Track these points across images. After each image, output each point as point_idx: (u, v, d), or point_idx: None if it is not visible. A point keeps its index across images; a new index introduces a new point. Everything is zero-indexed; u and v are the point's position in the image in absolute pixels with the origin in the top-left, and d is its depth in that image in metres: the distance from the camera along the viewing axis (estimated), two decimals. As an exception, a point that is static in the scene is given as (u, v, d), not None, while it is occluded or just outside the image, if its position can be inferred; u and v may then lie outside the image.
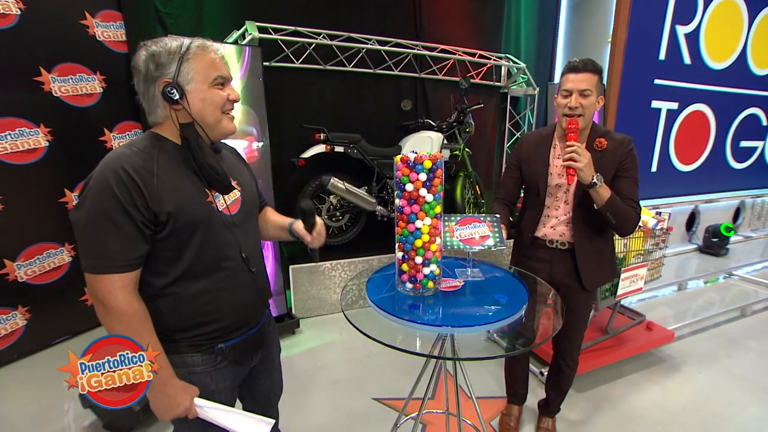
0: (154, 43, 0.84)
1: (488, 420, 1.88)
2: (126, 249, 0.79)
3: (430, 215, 1.04)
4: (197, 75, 0.84)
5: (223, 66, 0.89)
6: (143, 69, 0.83)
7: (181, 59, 0.82)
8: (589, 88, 1.31)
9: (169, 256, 0.85)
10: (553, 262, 1.49)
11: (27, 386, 2.09)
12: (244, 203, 0.97)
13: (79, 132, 2.48)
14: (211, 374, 0.92)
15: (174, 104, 0.83)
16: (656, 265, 2.41)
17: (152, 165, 0.81)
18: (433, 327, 1.04)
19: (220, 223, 0.90)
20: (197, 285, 0.88)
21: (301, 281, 2.85)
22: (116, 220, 0.77)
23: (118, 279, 0.79)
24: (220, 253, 0.90)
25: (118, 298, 0.79)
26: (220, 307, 0.91)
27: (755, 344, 2.55)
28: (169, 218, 0.81)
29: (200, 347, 0.90)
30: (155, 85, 0.83)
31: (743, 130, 4.71)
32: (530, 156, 1.50)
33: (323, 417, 1.90)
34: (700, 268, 4.03)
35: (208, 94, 0.85)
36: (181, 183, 0.85)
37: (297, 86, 3.07)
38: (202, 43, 0.86)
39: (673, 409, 1.96)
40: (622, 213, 1.32)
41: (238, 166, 1.03)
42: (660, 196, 4.32)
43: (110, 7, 2.54)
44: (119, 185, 0.77)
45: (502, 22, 3.86)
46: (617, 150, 1.38)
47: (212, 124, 0.88)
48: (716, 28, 4.10)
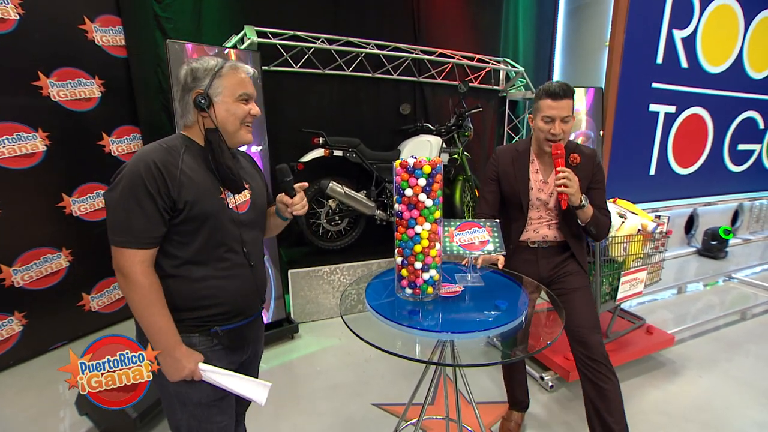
0: (195, 61, 1.00)
1: (489, 425, 1.87)
2: (148, 228, 0.90)
3: (429, 220, 1.03)
4: (226, 90, 0.98)
5: (249, 85, 1.02)
6: (183, 80, 0.99)
7: (214, 75, 0.97)
8: (569, 114, 1.40)
9: (180, 241, 0.96)
10: (538, 260, 1.57)
11: (23, 393, 2.07)
12: (253, 204, 1.08)
13: (78, 136, 2.48)
14: (206, 354, 1.01)
15: (202, 111, 0.97)
16: (656, 269, 2.40)
17: (177, 160, 0.94)
18: (433, 333, 1.03)
19: (228, 218, 1.00)
20: (201, 270, 0.98)
21: (300, 285, 2.84)
22: (142, 202, 0.89)
23: (140, 254, 0.90)
24: (225, 244, 1.00)
25: (137, 270, 0.90)
26: (219, 293, 1.00)
27: (755, 348, 2.55)
28: (185, 206, 0.93)
29: (199, 328, 1.00)
30: (190, 94, 0.98)
31: (740, 133, 4.74)
32: (508, 172, 1.56)
33: (322, 422, 1.88)
34: (700, 271, 4.03)
35: (232, 107, 1.00)
36: (199, 178, 0.97)
37: (296, 90, 3.07)
38: (234, 64, 1.01)
39: (673, 413, 1.95)
40: (601, 224, 1.48)
41: (252, 172, 1.15)
42: (659, 199, 4.33)
43: (109, 12, 2.54)
44: (147, 174, 0.89)
45: (500, 26, 3.88)
46: (588, 164, 1.51)
47: (232, 132, 1.01)
48: (712, 33, 4.13)
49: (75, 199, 2.50)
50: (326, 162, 2.92)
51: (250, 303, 1.09)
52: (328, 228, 3.06)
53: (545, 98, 1.40)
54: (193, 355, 0.97)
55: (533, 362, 2.29)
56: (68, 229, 2.48)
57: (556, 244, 1.58)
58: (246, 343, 1.11)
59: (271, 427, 1.84)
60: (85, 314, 2.62)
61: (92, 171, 2.56)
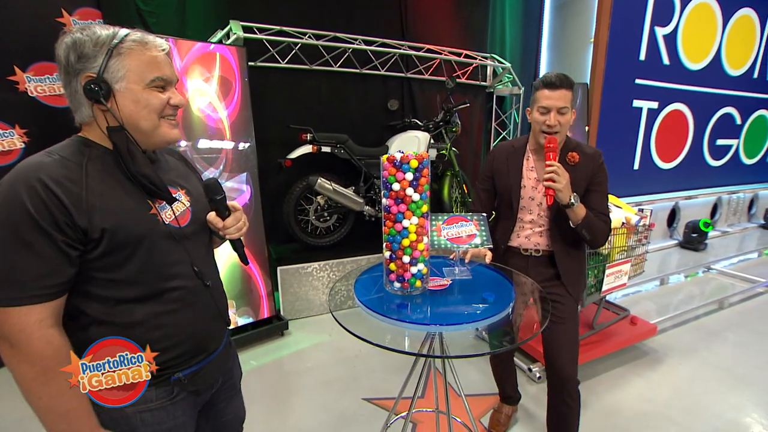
0: (80, 30, 0.72)
1: (479, 417, 1.90)
2: (42, 275, 0.67)
3: (416, 214, 1.04)
4: (130, 73, 0.72)
5: (166, 65, 0.77)
6: (63, 59, 0.72)
7: (110, 52, 0.71)
8: (566, 105, 1.33)
9: (106, 278, 0.73)
10: (528, 268, 1.48)
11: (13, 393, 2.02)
12: (194, 214, 0.87)
13: (57, 133, 2.35)
14: (167, 409, 0.81)
15: (97, 104, 0.71)
16: (639, 261, 2.46)
17: (80, 174, 0.70)
18: (422, 326, 1.04)
19: (167, 236, 0.79)
20: (143, 309, 0.77)
21: (289, 282, 2.83)
22: (28, 241, 0.65)
23: (35, 312, 0.67)
24: (169, 270, 0.79)
25: (33, 335, 0.66)
26: (172, 333, 0.80)
27: (732, 335, 2.64)
28: (103, 234, 0.70)
29: (155, 380, 0.78)
30: (77, 79, 0.72)
31: (719, 128, 4.87)
32: (503, 168, 1.50)
33: (313, 418, 1.89)
34: (681, 262, 4.14)
35: (142, 96, 0.74)
36: (117, 194, 0.74)
37: (283, 86, 3.04)
38: (141, 37, 0.74)
39: (656, 400, 2.01)
40: (595, 229, 1.34)
41: (185, 173, 0.93)
42: (642, 193, 4.43)
43: (88, 4, 2.47)
44: (33, 200, 0.65)
45: (487, 22, 3.90)
46: (589, 164, 1.39)
47: (148, 130, 0.76)
48: (692, 30, 4.23)
49: None
50: (314, 158, 2.90)
51: (213, 333, 0.90)
52: (316, 224, 3.05)
53: (542, 88, 1.35)
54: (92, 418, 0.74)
55: (522, 354, 2.33)
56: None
57: (548, 254, 1.49)
58: (215, 379, 0.92)
59: (262, 424, 1.84)
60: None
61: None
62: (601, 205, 1.39)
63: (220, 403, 0.99)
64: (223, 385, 0.97)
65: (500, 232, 1.55)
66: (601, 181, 1.40)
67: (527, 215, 1.48)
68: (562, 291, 1.46)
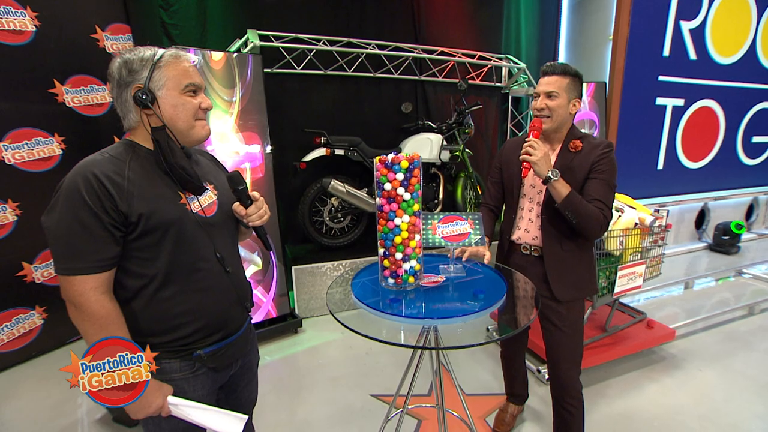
0: (128, 52, 0.88)
1: (484, 416, 1.91)
2: (97, 250, 0.81)
3: (408, 213, 1.08)
4: (169, 81, 0.88)
5: (195, 74, 0.92)
6: (116, 75, 0.87)
7: (153, 66, 0.86)
8: (555, 90, 1.33)
9: (142, 257, 0.87)
10: (527, 268, 1.46)
11: (44, 381, 2.20)
12: (221, 206, 0.99)
13: (91, 140, 2.61)
14: (189, 380, 0.93)
15: (145, 108, 0.87)
16: (655, 263, 2.39)
17: (124, 169, 0.85)
18: (416, 319, 1.08)
19: (194, 223, 0.91)
20: (172, 287, 0.89)
21: (304, 282, 2.91)
22: (86, 223, 0.80)
23: (92, 280, 0.81)
24: (194, 253, 0.92)
25: (90, 299, 0.81)
26: (194, 309, 0.92)
27: (760, 342, 2.51)
28: (140, 219, 0.84)
29: (178, 353, 0.91)
30: (127, 90, 0.87)
31: (755, 125, 4.62)
32: (509, 159, 1.52)
33: (321, 411, 1.95)
34: (709, 266, 3.95)
35: (179, 100, 0.89)
36: (153, 185, 0.87)
37: (298, 91, 3.15)
38: (175, 53, 0.90)
39: (669, 406, 1.95)
40: (582, 212, 1.28)
41: (215, 171, 1.06)
42: (667, 194, 4.26)
43: (119, 20, 2.67)
44: (88, 190, 0.80)
45: (501, 22, 3.89)
46: (592, 151, 1.35)
47: (184, 129, 0.91)
48: (723, 23, 4.04)
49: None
50: (328, 161, 2.99)
51: (232, 315, 1.00)
52: (331, 225, 3.13)
53: (540, 78, 1.39)
54: (162, 388, 0.87)
55: (531, 355, 2.31)
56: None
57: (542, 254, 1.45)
58: (233, 360, 1.03)
59: (273, 416, 1.92)
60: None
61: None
62: (598, 192, 1.32)
63: (239, 384, 1.10)
64: (241, 368, 1.08)
65: (506, 224, 1.57)
66: (602, 169, 1.33)
67: (526, 203, 1.48)
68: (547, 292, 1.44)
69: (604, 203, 1.31)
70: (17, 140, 2.28)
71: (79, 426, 1.87)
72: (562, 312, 1.44)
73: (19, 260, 2.34)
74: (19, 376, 2.29)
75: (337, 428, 1.84)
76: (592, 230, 1.32)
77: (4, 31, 2.18)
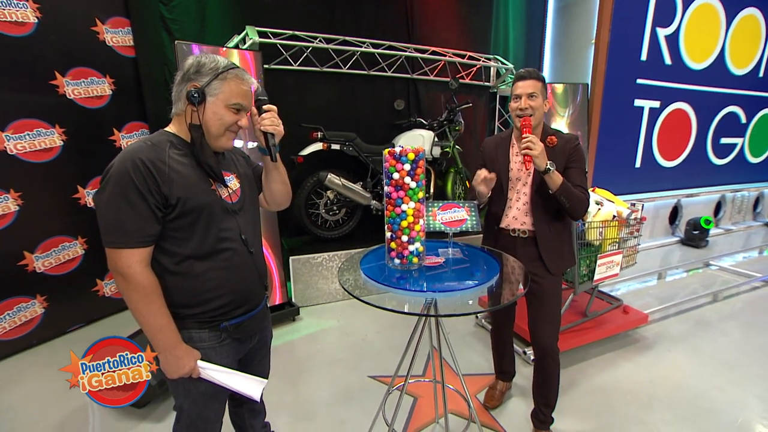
0: (206, 56, 1.00)
1: (475, 393, 2.06)
2: (141, 227, 0.91)
3: (413, 199, 1.21)
4: (222, 94, 0.98)
5: (246, 98, 1.02)
6: (186, 68, 0.99)
7: (217, 75, 0.97)
8: (534, 91, 1.51)
9: (177, 237, 0.96)
10: (516, 249, 1.62)
11: (47, 368, 2.24)
12: (243, 192, 1.11)
13: (91, 132, 2.64)
14: (216, 349, 1.04)
15: (191, 104, 0.97)
16: (631, 253, 2.59)
17: (164, 156, 0.95)
18: (420, 293, 1.21)
19: (222, 208, 1.02)
20: (202, 265, 0.99)
21: (301, 272, 3.01)
22: (133, 201, 0.89)
23: (137, 253, 0.91)
24: (222, 234, 1.02)
25: (136, 270, 0.90)
26: (222, 285, 1.02)
27: (722, 325, 2.75)
28: (178, 202, 0.94)
29: (207, 324, 1.02)
30: (186, 84, 0.98)
31: (723, 127, 4.92)
32: (493, 157, 1.68)
33: (322, 391, 2.07)
34: (681, 258, 4.23)
35: (220, 111, 0.99)
36: (188, 172, 0.97)
37: (295, 87, 3.24)
38: (241, 73, 1.02)
39: (642, 380, 2.15)
40: (574, 197, 1.48)
41: (243, 165, 1.18)
42: (644, 191, 4.52)
43: (119, 14, 2.70)
44: (136, 172, 0.89)
45: (490, 24, 4.05)
46: (566, 146, 1.57)
47: (214, 135, 1.01)
48: (695, 30, 4.30)
49: (89, 191, 2.67)
50: (324, 155, 3.08)
51: (254, 291, 1.11)
52: (326, 218, 3.24)
53: (516, 82, 1.56)
54: (193, 353, 0.99)
55: (518, 339, 2.47)
56: (83, 219, 2.65)
57: (533, 236, 1.62)
58: (253, 333, 1.15)
59: (276, 396, 2.02)
60: (100, 299, 2.79)
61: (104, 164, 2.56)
62: (578, 179, 1.55)
63: (255, 358, 1.23)
64: (258, 342, 1.21)
65: (493, 216, 1.72)
66: (577, 159, 1.56)
67: (514, 194, 1.65)
68: (543, 272, 1.62)
69: (584, 187, 1.55)
70: (19, 131, 2.30)
71: (89, 408, 1.93)
72: (544, 285, 1.62)
73: (21, 250, 2.37)
74: (22, 364, 2.32)
75: (339, 406, 1.96)
76: (580, 210, 1.52)
77: (6, 22, 2.20)
